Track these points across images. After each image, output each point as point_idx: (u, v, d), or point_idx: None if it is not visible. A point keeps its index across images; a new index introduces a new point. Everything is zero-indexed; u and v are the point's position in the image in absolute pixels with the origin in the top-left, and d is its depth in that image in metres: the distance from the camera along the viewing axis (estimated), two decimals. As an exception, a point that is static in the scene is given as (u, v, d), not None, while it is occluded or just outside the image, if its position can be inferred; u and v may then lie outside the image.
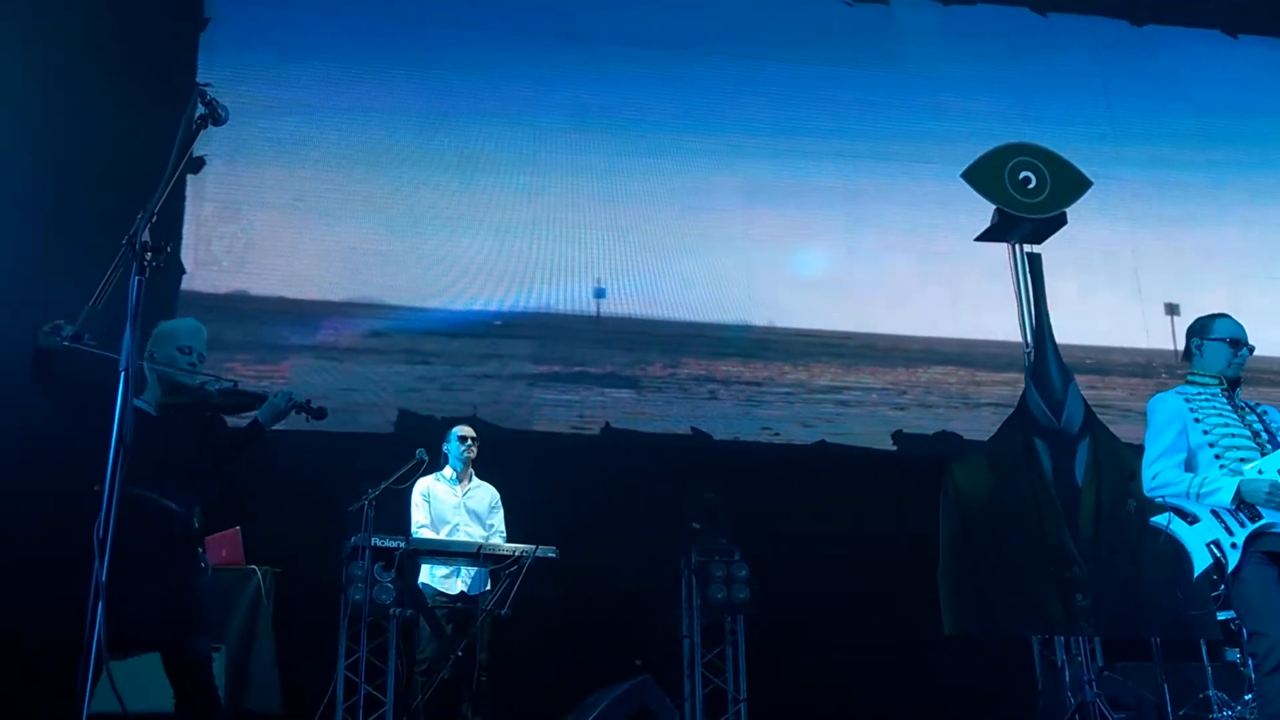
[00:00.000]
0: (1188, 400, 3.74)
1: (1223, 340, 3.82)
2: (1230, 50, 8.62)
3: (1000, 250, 6.08)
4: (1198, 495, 3.58)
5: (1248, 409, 3.75)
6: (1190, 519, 3.62)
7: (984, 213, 5.92)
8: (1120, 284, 7.69)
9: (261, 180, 6.74)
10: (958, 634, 5.44)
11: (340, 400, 6.31)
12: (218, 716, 3.38)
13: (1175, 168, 8.06)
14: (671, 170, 7.30)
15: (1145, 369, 7.61)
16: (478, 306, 6.86)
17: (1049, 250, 6.01)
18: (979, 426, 7.01)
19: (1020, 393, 5.94)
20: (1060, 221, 6.07)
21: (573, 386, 6.88)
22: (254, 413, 3.52)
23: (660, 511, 6.27)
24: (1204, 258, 7.52)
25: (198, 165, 6.56)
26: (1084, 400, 5.86)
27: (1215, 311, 3.94)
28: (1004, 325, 6.25)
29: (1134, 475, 5.69)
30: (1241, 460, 3.59)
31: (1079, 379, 6.01)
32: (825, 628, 6.26)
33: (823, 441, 7.07)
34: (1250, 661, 5.41)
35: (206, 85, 2.98)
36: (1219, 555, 3.51)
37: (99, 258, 2.86)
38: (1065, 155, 6.15)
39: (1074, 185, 6.13)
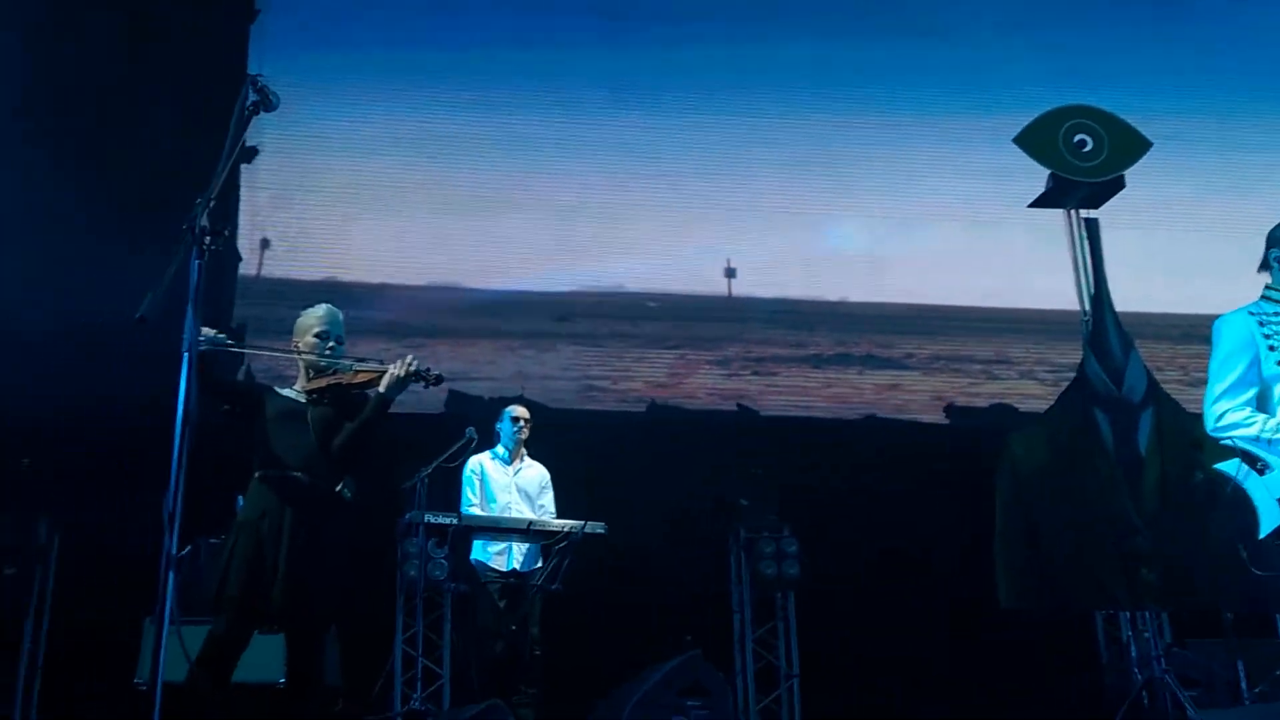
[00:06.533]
0: (1262, 323, 3.29)
1: None
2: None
3: (1055, 216, 6.20)
4: (1270, 440, 3.22)
5: None
6: (1261, 467, 3.24)
7: (1037, 179, 6.05)
8: (1184, 248, 7.72)
9: (312, 168, 7.29)
10: (1015, 608, 5.59)
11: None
12: (321, 690, 3.76)
13: (1243, 126, 8.05)
14: (711, 146, 7.60)
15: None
16: (526, 287, 7.29)
17: (1107, 214, 6.10)
18: (1035, 397, 7.13)
19: (1079, 362, 6.04)
20: (1118, 185, 6.18)
21: (620, 365, 7.23)
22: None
23: (708, 488, 6.57)
24: (1273, 218, 7.50)
25: (250, 155, 7.02)
26: (1146, 369, 5.95)
27: None
28: (1060, 293, 6.34)
29: (1200, 445, 5.81)
30: None
31: (1140, 347, 6.08)
32: (878, 603, 6.45)
33: (872, 415, 7.28)
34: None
35: (257, 76, 3.25)
36: None
37: (157, 244, 3.16)
38: (1124, 116, 6.23)
39: (1133, 147, 6.24)
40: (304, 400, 3.78)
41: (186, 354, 2.90)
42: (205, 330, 3.52)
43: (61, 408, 6.30)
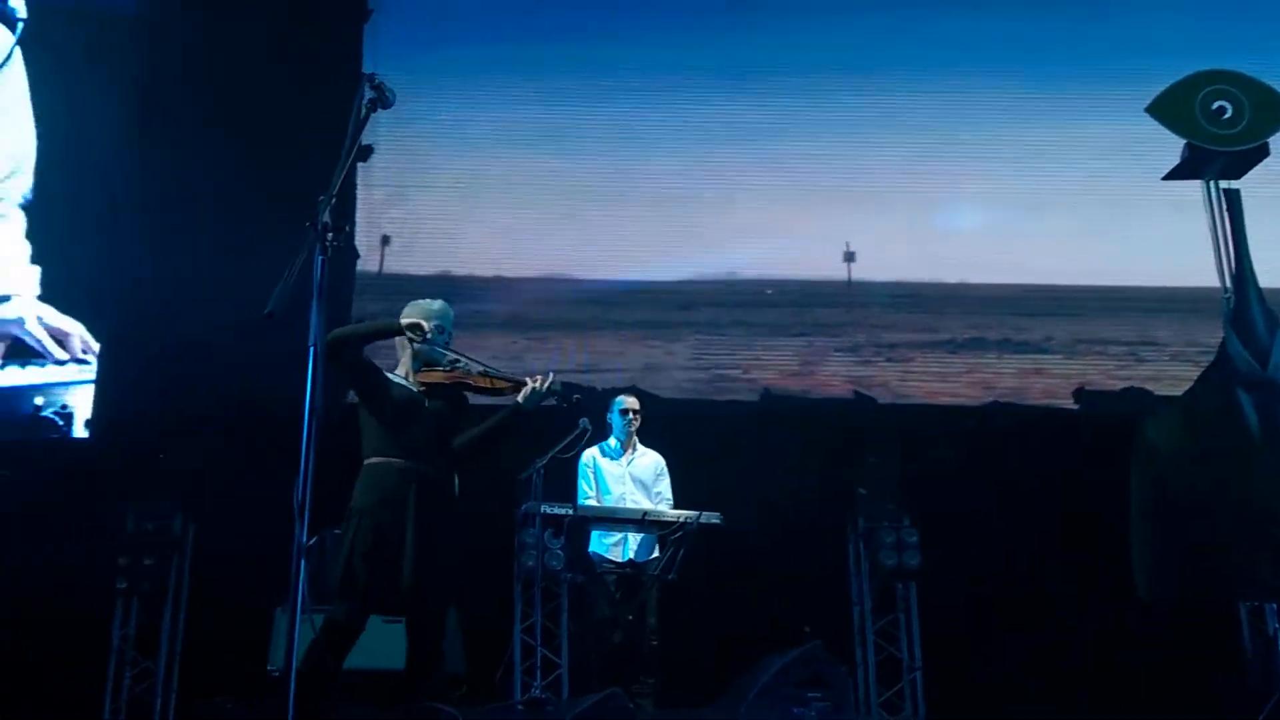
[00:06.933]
0: None
1: None
2: None
3: (1191, 189, 5.93)
4: None
5: None
6: None
7: (1168, 151, 5.80)
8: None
9: (425, 164, 7.48)
10: (1153, 599, 5.39)
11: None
12: (440, 674, 3.84)
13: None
14: (827, 127, 7.48)
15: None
16: (641, 276, 7.37)
17: (1251, 185, 5.83)
18: (1171, 380, 6.88)
19: (1219, 342, 5.79)
20: (1262, 153, 5.87)
21: (749, 354, 7.26)
22: (513, 396, 3.90)
23: (825, 477, 6.58)
24: None
25: (366, 153, 7.22)
26: (1294, 348, 5.66)
27: None
28: (1204, 270, 6.09)
29: (1357, 429, 5.51)
30: None
31: (1288, 325, 5.79)
32: (1004, 594, 6.34)
33: (995, 402, 7.10)
34: None
35: (374, 74, 3.31)
36: None
37: (280, 241, 3.24)
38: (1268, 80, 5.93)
39: (1277, 111, 5.91)
40: (416, 390, 3.84)
41: (312, 348, 2.98)
42: (426, 325, 3.65)
43: (195, 403, 6.61)
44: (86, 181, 7.11)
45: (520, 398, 3.85)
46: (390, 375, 3.88)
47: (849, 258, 7.33)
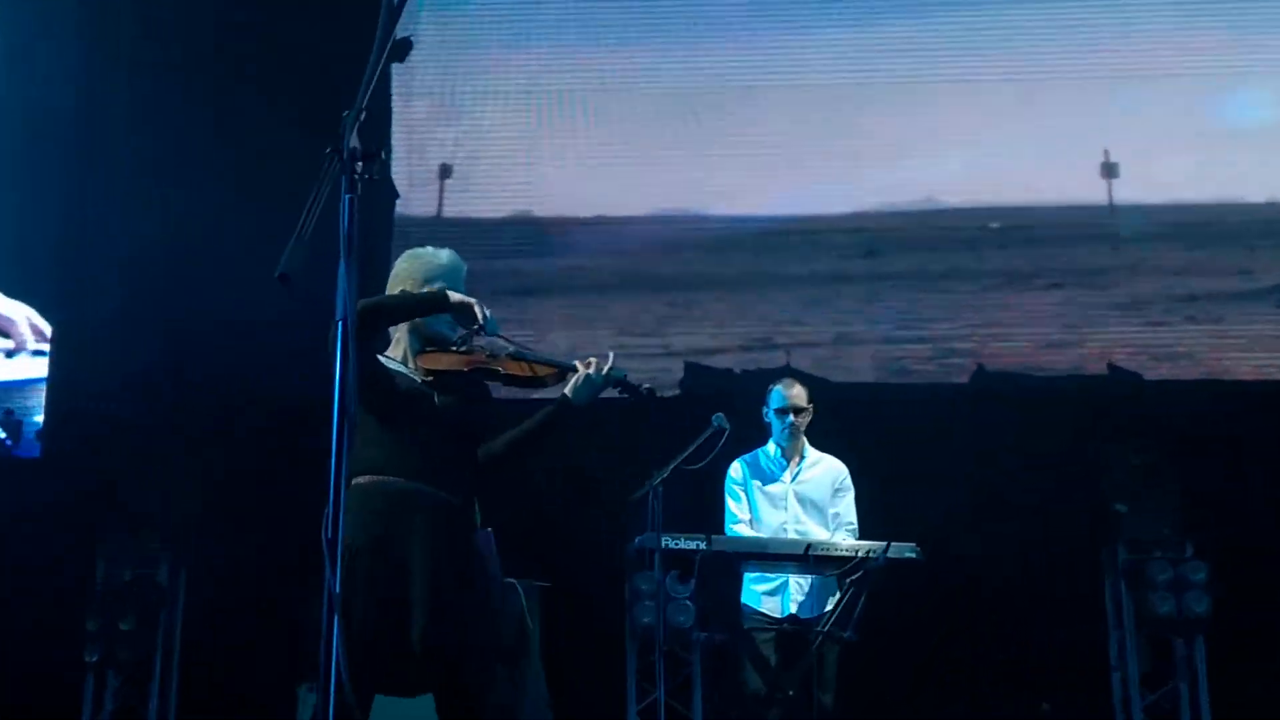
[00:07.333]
0: None
1: None
2: None
3: None
4: None
5: None
6: None
7: None
8: None
9: (485, 65, 7.40)
10: None
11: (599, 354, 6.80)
12: None
13: None
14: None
15: None
16: (788, 209, 7.24)
17: None
18: None
19: None
20: None
21: (979, 319, 7.13)
22: (558, 387, 3.74)
23: (1066, 489, 6.39)
24: None
25: (403, 50, 7.08)
26: None
27: None
28: None
29: None
30: None
31: None
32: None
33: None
34: None
35: None
36: None
37: (289, 187, 3.09)
38: None
39: None
40: (419, 380, 3.71)
41: (341, 323, 2.82)
42: (479, 310, 3.54)
43: (184, 406, 6.64)
44: (44, 126, 7.27)
45: (568, 390, 3.70)
46: (383, 359, 3.74)
47: (1108, 171, 7.04)
